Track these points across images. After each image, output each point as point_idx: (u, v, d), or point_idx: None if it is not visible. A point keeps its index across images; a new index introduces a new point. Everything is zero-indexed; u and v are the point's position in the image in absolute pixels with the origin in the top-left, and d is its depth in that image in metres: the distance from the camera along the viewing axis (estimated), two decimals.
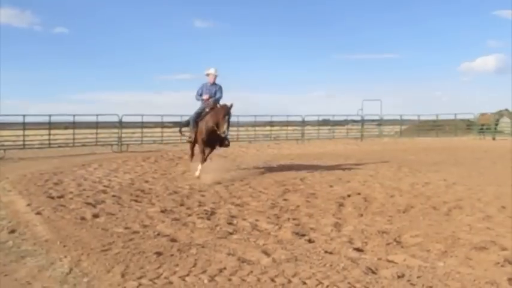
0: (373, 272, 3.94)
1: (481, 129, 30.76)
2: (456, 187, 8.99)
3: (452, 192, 8.37)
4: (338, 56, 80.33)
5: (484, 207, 7.01)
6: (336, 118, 32.66)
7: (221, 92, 11.15)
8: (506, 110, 29.88)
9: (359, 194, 8.22)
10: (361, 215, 6.51)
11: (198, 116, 11.05)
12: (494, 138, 28.69)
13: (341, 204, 7.27)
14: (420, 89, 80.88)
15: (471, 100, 75.92)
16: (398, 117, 34.22)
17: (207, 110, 10.89)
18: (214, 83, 11.17)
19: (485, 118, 30.63)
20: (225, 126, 10.26)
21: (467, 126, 34.22)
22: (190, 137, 11.45)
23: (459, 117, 34.06)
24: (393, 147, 22.81)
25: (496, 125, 30.31)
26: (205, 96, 11.06)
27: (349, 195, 8.06)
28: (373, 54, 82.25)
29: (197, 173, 10.55)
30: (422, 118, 34.51)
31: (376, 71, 78.56)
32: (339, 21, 72.58)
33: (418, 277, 3.82)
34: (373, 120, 33.81)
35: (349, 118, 33.92)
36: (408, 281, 3.75)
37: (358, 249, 4.69)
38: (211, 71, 11.20)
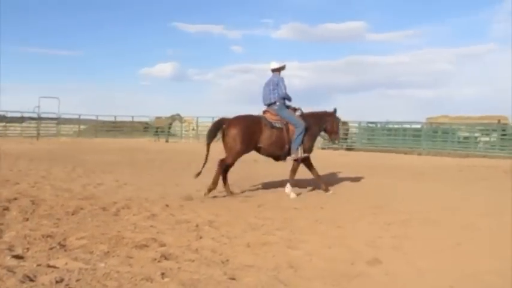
0: (31, 280, 3.73)
1: (156, 131, 32.71)
2: (127, 187, 9.29)
3: (123, 193, 8.61)
4: (11, 48, 74.69)
5: (151, 206, 7.37)
6: (10, 115, 30.37)
7: None
8: (178, 114, 32.45)
9: (27, 196, 7.73)
10: (27, 219, 6.11)
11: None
12: (167, 141, 30.90)
13: (5, 209, 6.69)
14: (101, 90, 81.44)
15: (149, 103, 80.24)
16: (77, 117, 33.76)
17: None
18: None
19: (160, 121, 32.71)
20: None
21: (144, 128, 36.03)
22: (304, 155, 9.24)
23: (136, 119, 35.70)
24: (71, 146, 22.34)
25: (169, 128, 32.68)
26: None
27: (15, 199, 7.49)
28: (53, 49, 79.16)
29: (292, 195, 8.88)
30: (101, 119, 34.88)
31: (55, 67, 75.82)
32: (14, 10, 67.69)
33: (77, 280, 3.77)
34: (51, 119, 32.49)
35: (26, 115, 31.91)
36: (67, 285, 3.66)
37: (17, 257, 4.37)
38: (280, 64, 9.27)
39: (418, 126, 27.30)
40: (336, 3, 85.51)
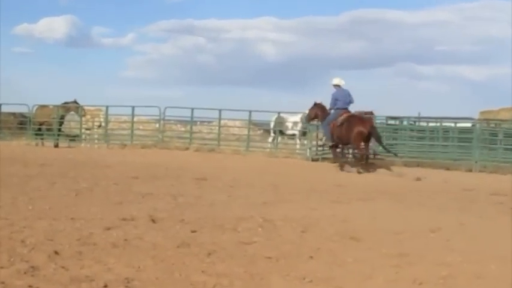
0: None
1: (39, 130, 30.08)
2: None
3: None
4: None
5: (29, 253, 6.82)
6: None
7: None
8: (75, 102, 29.44)
9: None
10: None
11: None
12: (57, 145, 28.43)
13: None
14: None
15: (29, 84, 75.62)
16: None
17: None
18: None
19: (45, 113, 29.69)
20: None
21: (20, 124, 33.21)
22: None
23: (7, 109, 32.58)
24: None
25: (61, 124, 30.24)
26: None
27: None
28: None
29: None
30: None
31: None
32: None
33: None
34: None
35: None
36: None
37: None
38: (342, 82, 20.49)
39: (468, 125, 26.41)
40: None
